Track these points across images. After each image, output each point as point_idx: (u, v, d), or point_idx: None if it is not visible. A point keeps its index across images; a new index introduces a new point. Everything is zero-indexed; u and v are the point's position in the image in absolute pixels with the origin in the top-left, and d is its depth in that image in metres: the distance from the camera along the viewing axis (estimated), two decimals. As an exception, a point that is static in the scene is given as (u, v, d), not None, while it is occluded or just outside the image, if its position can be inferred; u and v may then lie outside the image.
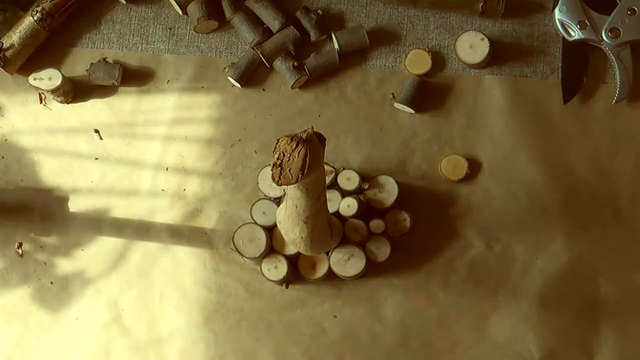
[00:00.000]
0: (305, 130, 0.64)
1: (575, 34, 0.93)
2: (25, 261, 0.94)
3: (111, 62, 0.96)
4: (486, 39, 0.93)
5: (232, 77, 0.95)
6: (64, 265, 0.94)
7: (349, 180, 0.90)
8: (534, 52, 0.95)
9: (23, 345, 0.93)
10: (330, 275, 0.90)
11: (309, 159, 0.61)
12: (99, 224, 0.95)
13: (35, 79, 0.93)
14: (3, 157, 0.96)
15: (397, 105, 0.94)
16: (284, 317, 0.92)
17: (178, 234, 0.94)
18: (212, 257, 0.93)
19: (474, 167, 0.93)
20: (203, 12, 0.94)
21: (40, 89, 0.94)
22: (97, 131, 0.96)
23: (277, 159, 0.63)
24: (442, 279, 0.92)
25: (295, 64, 0.94)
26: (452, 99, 0.95)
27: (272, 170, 0.62)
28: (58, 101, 0.96)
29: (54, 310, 0.93)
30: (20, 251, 0.94)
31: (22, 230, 0.95)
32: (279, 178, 0.62)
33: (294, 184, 0.63)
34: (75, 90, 0.96)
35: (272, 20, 0.94)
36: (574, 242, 0.92)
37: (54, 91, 0.94)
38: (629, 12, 0.92)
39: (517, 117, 0.94)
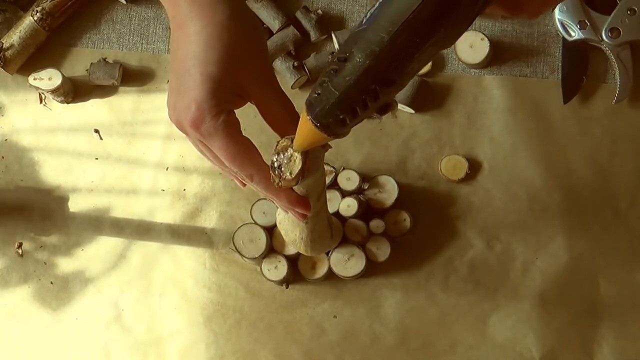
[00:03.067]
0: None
1: (575, 34, 0.93)
2: (25, 261, 0.94)
3: (111, 62, 0.96)
4: (486, 39, 0.93)
5: (232, 77, 0.94)
6: (64, 265, 0.94)
7: (349, 180, 0.90)
8: (534, 52, 0.95)
9: (23, 345, 0.93)
10: (330, 275, 0.90)
11: (309, 160, 0.61)
12: (99, 223, 0.95)
13: (35, 79, 0.93)
14: (3, 157, 0.96)
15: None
16: (284, 317, 0.92)
17: (178, 233, 0.94)
18: (212, 257, 0.93)
19: (474, 167, 0.93)
20: (203, 12, 0.94)
21: (40, 89, 0.94)
22: (97, 131, 0.96)
23: (277, 160, 0.63)
24: (442, 279, 0.92)
25: (295, 64, 0.94)
26: (452, 99, 0.95)
27: (271, 172, 0.62)
28: (58, 101, 0.96)
29: (54, 310, 0.93)
30: (20, 251, 0.94)
31: (22, 230, 0.95)
32: (279, 179, 0.62)
33: (294, 185, 0.62)
34: (75, 90, 0.96)
35: (272, 20, 0.94)
36: (574, 242, 0.92)
37: (54, 91, 0.94)
38: (629, 12, 0.92)
39: (517, 117, 0.94)
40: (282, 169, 0.61)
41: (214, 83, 0.59)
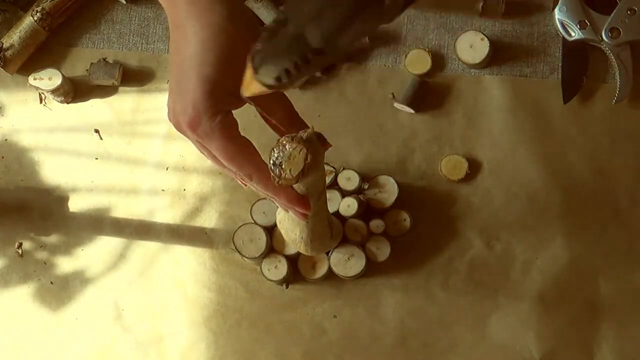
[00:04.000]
0: (305, 130, 0.64)
1: (575, 34, 0.93)
2: (25, 261, 0.94)
3: (111, 62, 0.96)
4: (486, 39, 0.93)
5: (232, 77, 0.94)
6: (64, 265, 0.94)
7: (349, 180, 0.90)
8: (534, 52, 0.95)
9: (23, 345, 0.93)
10: (330, 275, 0.90)
11: (309, 159, 0.61)
12: (99, 223, 0.95)
13: (35, 79, 0.93)
14: (3, 157, 0.96)
15: (397, 105, 0.94)
16: (284, 317, 0.92)
17: (178, 233, 0.94)
18: (212, 257, 0.93)
19: (474, 167, 0.93)
20: (203, 12, 0.94)
21: (40, 89, 0.94)
22: (97, 131, 0.96)
23: (277, 158, 0.63)
24: (442, 279, 0.92)
25: (295, 64, 0.93)
26: (452, 99, 0.95)
27: (271, 170, 0.62)
28: (58, 101, 0.96)
29: (54, 310, 0.93)
30: (20, 251, 0.94)
31: (22, 230, 0.95)
32: (279, 178, 0.62)
33: (294, 183, 0.62)
34: (75, 90, 0.97)
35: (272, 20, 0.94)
36: (574, 242, 0.92)
37: (54, 91, 0.94)
38: (629, 12, 0.92)
39: (517, 117, 0.94)
40: (282, 167, 0.61)
41: (210, 84, 0.60)
